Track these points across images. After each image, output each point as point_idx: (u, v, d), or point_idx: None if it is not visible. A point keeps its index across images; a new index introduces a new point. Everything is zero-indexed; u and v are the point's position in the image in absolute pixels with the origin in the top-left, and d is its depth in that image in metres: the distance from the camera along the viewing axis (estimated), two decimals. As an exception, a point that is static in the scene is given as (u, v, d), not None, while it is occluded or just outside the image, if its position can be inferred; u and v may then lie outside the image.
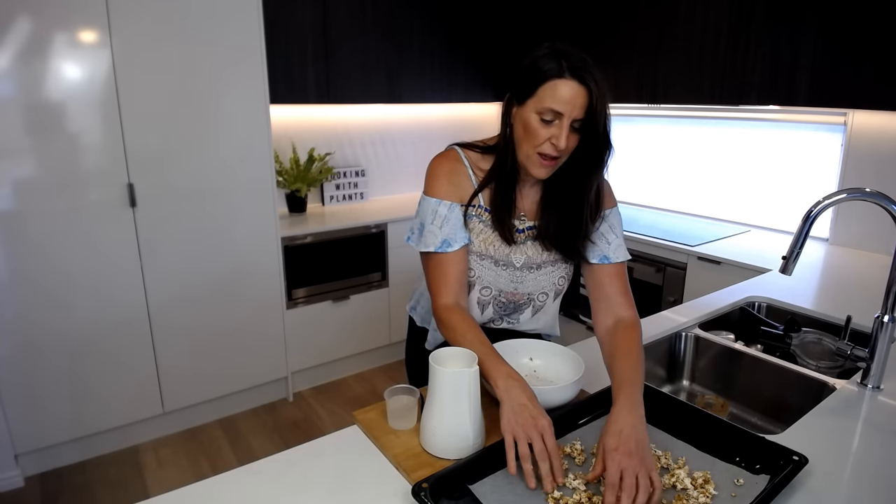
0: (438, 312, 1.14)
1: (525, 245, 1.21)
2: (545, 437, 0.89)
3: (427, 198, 1.18)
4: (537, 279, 1.24)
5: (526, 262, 1.22)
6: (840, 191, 1.18)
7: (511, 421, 0.90)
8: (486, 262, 1.20)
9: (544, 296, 1.27)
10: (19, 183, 2.11)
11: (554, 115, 1.04)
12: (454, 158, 1.20)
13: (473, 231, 1.19)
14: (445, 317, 1.12)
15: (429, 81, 3.37)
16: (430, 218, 1.16)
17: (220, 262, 2.60)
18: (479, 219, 1.19)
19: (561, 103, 1.02)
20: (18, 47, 2.01)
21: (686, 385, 1.58)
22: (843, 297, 1.93)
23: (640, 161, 3.43)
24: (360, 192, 3.52)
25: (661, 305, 2.61)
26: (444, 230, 1.15)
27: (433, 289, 1.17)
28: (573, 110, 1.03)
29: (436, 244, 1.15)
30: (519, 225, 1.20)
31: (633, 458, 0.85)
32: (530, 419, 0.90)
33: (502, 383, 0.96)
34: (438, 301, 1.15)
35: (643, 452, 0.87)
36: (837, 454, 1.01)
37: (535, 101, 1.05)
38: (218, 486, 0.93)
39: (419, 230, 1.19)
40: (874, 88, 2.08)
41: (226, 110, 2.48)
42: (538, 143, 1.06)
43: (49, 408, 2.29)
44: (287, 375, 2.94)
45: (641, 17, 2.83)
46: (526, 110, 1.07)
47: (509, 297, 1.25)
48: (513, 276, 1.22)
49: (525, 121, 1.07)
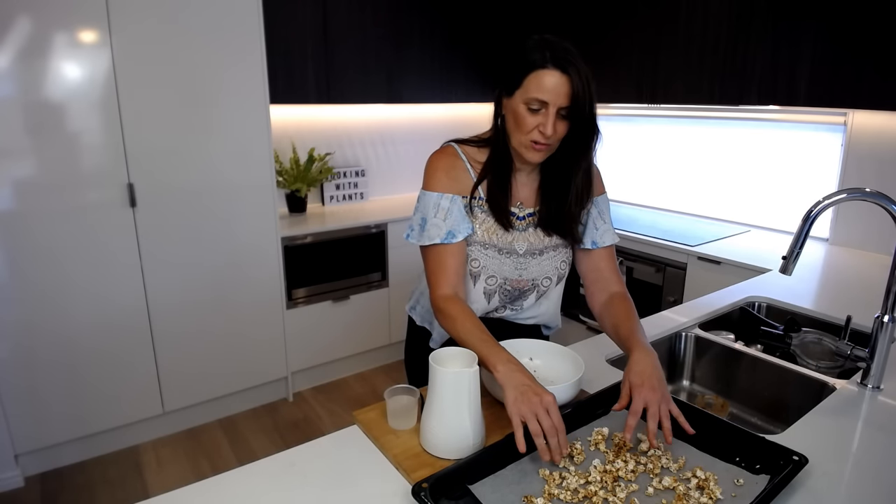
0: (437, 302, 1.16)
1: (526, 232, 1.25)
2: (551, 412, 0.92)
3: (428, 192, 1.21)
4: (540, 265, 1.27)
5: (528, 248, 1.25)
6: (840, 191, 1.18)
7: (517, 401, 0.93)
8: (490, 251, 1.23)
9: (548, 280, 1.30)
10: (19, 183, 2.11)
11: (540, 104, 1.08)
12: (451, 154, 1.23)
13: (476, 221, 1.22)
14: (444, 306, 1.14)
15: (428, 81, 3.37)
16: (433, 211, 1.19)
17: (220, 261, 2.60)
18: (481, 209, 1.23)
19: (545, 92, 1.07)
20: (18, 47, 2.01)
21: (686, 385, 1.58)
22: (843, 297, 1.93)
23: (639, 161, 3.43)
24: (360, 192, 3.52)
25: (661, 305, 2.61)
26: (447, 222, 1.18)
27: (432, 280, 1.19)
28: (557, 98, 1.07)
29: (441, 236, 1.17)
30: (518, 213, 1.25)
31: (656, 392, 0.97)
32: (535, 396, 0.93)
33: (502, 367, 0.98)
34: (437, 292, 1.17)
35: (664, 388, 1.00)
36: (837, 454, 1.01)
37: (521, 92, 1.09)
38: (218, 486, 0.93)
39: (420, 226, 1.21)
40: (874, 88, 2.08)
41: (226, 110, 2.48)
42: (527, 130, 1.11)
43: (49, 408, 2.29)
44: (287, 375, 2.94)
45: (641, 17, 2.83)
46: (514, 101, 1.11)
47: (514, 284, 1.27)
48: (517, 264, 1.25)
49: (514, 111, 1.12)
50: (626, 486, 0.91)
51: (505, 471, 0.93)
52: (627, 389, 0.99)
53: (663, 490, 0.91)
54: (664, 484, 0.91)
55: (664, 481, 0.92)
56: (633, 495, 0.90)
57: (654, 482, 0.92)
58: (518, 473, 0.93)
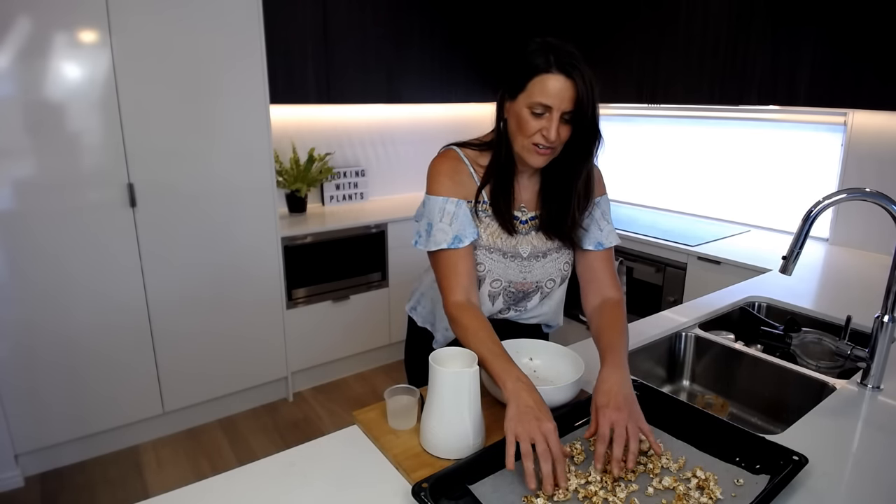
0: (450, 310, 1.15)
1: (529, 235, 1.25)
2: (549, 439, 0.89)
3: (433, 197, 1.20)
4: (544, 267, 1.27)
5: (532, 251, 1.25)
6: (840, 191, 1.18)
7: (514, 420, 0.91)
8: (495, 254, 1.23)
9: (552, 282, 1.30)
10: (19, 183, 2.11)
11: (544, 109, 1.08)
12: (454, 158, 1.23)
13: (481, 226, 1.22)
14: (457, 315, 1.13)
15: (428, 81, 3.36)
16: (439, 216, 1.18)
17: (220, 261, 2.60)
18: (485, 213, 1.22)
19: (549, 97, 1.06)
20: (18, 47, 2.01)
21: (686, 385, 1.58)
22: (843, 297, 1.93)
23: (640, 161, 3.43)
24: (360, 192, 3.52)
25: (661, 305, 2.60)
26: (453, 226, 1.17)
27: (444, 286, 1.18)
28: (561, 103, 1.06)
29: (447, 241, 1.16)
30: (521, 216, 1.25)
31: (622, 412, 0.94)
32: (534, 421, 0.90)
33: (511, 385, 0.96)
34: (450, 298, 1.16)
35: (631, 406, 0.95)
36: (837, 454, 1.01)
37: (525, 96, 1.09)
38: (218, 486, 0.93)
39: (426, 231, 1.20)
40: (874, 88, 2.08)
41: (226, 110, 2.48)
42: (530, 134, 1.10)
43: (49, 408, 2.29)
44: (287, 375, 2.94)
45: (642, 18, 2.83)
46: (517, 105, 1.11)
47: (519, 286, 1.28)
48: (521, 267, 1.26)
49: (517, 114, 1.11)
50: (626, 486, 0.91)
51: (505, 471, 0.93)
52: (594, 412, 0.96)
53: (663, 490, 0.91)
54: (664, 484, 0.91)
55: (664, 481, 0.92)
56: (633, 495, 0.90)
57: (654, 482, 0.92)
58: (518, 473, 0.93)
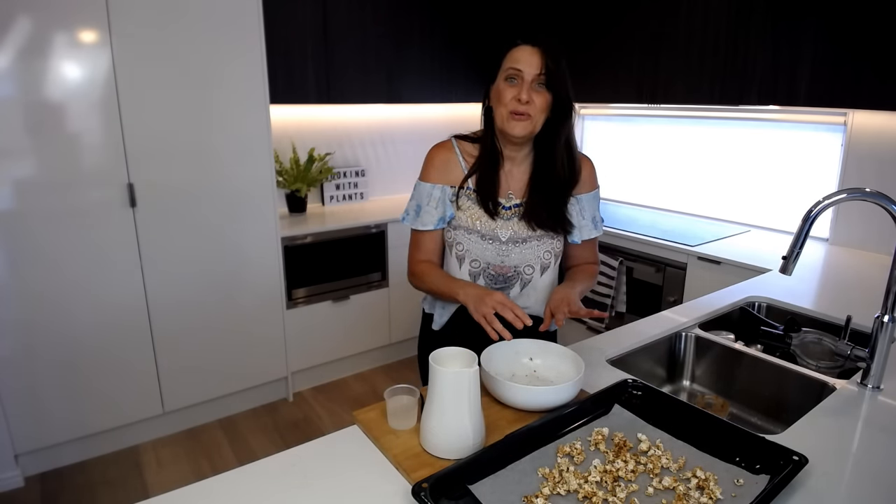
0: (413, 267, 1.40)
1: (511, 221, 1.35)
2: (503, 301, 1.17)
3: (422, 183, 1.37)
4: (522, 253, 1.36)
5: (512, 236, 1.35)
6: (840, 191, 1.18)
7: (473, 306, 1.18)
8: (473, 235, 1.35)
9: (530, 269, 1.38)
10: (19, 183, 2.11)
11: (516, 73, 1.23)
12: (448, 148, 1.38)
13: (462, 208, 1.35)
14: (416, 269, 1.39)
15: (428, 81, 3.37)
16: (426, 200, 1.36)
17: (220, 261, 2.60)
18: (469, 198, 1.35)
19: (519, 62, 1.23)
20: (18, 47, 2.01)
21: (686, 385, 1.58)
22: (843, 297, 1.93)
23: (640, 161, 3.43)
24: (360, 192, 3.52)
25: (661, 305, 2.60)
26: (438, 210, 1.35)
27: (415, 255, 1.41)
28: (531, 67, 1.22)
29: (433, 223, 1.36)
30: (505, 202, 1.35)
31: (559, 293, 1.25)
32: (487, 297, 1.18)
33: (461, 291, 1.24)
34: (416, 258, 1.40)
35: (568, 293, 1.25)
36: (837, 454, 1.01)
37: (501, 72, 1.26)
38: (218, 486, 0.93)
39: (415, 211, 1.38)
40: (874, 88, 2.08)
41: (226, 110, 2.48)
42: (506, 101, 1.24)
43: (49, 408, 2.30)
44: (287, 375, 2.94)
45: (642, 18, 2.83)
46: (497, 83, 1.27)
47: (497, 269, 1.37)
48: (499, 250, 1.35)
49: (496, 90, 1.27)
50: (626, 486, 0.91)
51: (505, 471, 0.93)
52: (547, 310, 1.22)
53: (663, 490, 0.91)
54: (664, 484, 0.91)
55: (664, 481, 0.92)
56: (633, 495, 0.90)
57: (654, 482, 0.92)
58: (518, 473, 0.93)
